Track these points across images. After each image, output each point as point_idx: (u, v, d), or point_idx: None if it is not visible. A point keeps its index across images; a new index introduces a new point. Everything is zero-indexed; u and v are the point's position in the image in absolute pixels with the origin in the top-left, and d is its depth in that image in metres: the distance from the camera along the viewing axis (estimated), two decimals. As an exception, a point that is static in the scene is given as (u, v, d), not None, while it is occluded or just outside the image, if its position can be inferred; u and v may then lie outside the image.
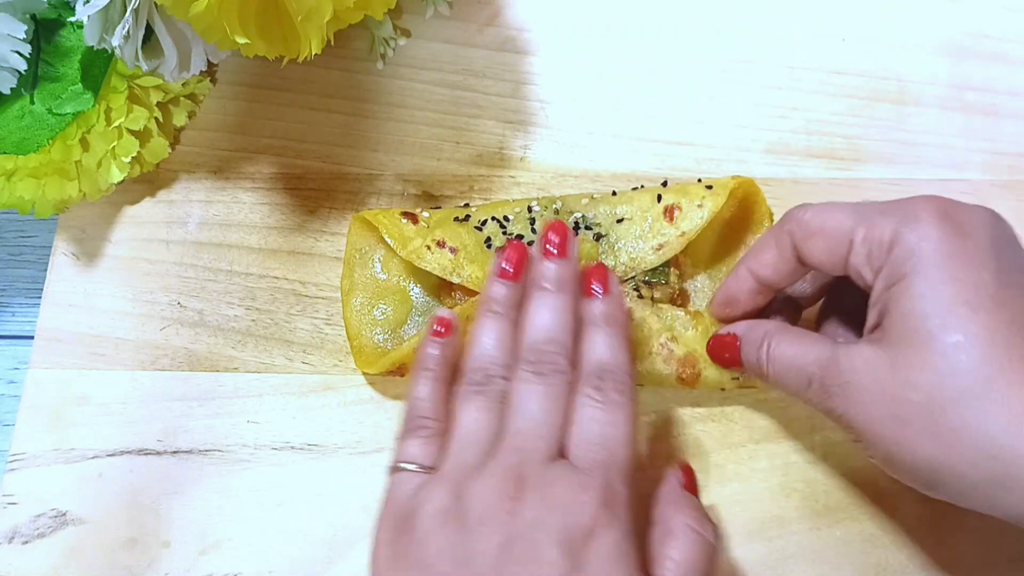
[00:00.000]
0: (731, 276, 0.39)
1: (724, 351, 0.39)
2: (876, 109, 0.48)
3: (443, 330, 0.38)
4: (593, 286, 0.37)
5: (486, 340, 0.36)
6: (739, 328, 0.38)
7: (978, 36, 0.49)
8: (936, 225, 0.31)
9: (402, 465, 0.35)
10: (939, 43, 0.49)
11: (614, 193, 0.43)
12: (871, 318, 0.32)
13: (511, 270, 0.37)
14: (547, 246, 0.37)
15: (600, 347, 0.35)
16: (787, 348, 0.35)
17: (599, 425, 0.33)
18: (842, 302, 0.38)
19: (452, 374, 0.38)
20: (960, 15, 0.49)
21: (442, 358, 0.38)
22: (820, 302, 0.40)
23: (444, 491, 0.32)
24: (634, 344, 0.40)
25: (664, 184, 0.44)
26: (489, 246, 0.42)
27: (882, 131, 0.47)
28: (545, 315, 0.36)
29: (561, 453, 0.33)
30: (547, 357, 0.35)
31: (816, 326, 0.39)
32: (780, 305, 0.40)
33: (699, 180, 0.43)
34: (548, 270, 0.37)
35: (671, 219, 0.41)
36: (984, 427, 0.28)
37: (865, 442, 0.32)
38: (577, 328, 0.36)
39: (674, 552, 0.32)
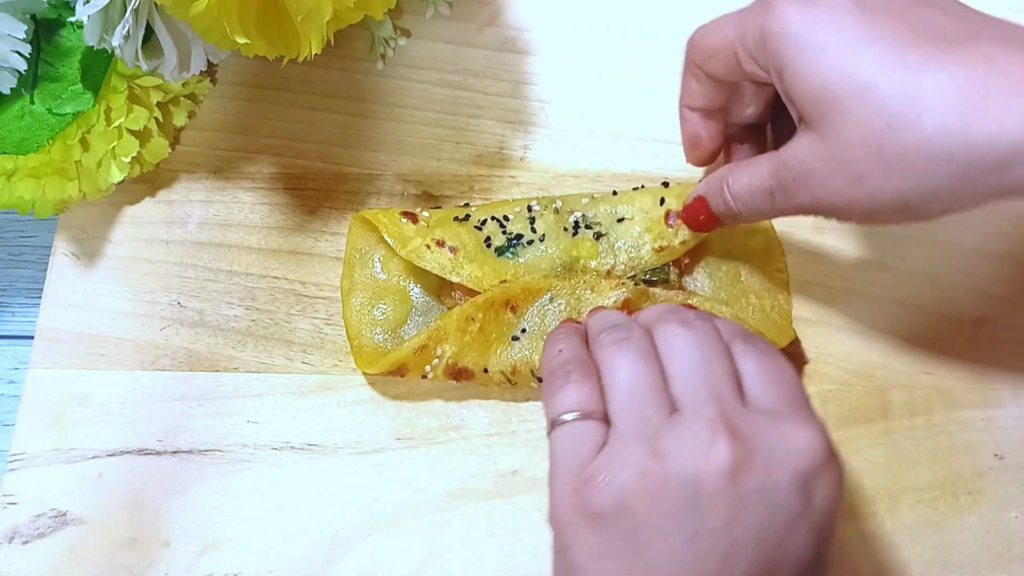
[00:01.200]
0: (680, 123, 0.40)
1: (698, 214, 0.39)
2: (876, 109, 0.47)
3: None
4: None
5: (607, 314, 0.37)
6: (700, 189, 0.39)
7: (978, 36, 0.49)
8: (789, 4, 0.32)
9: (563, 417, 0.32)
10: (939, 43, 0.49)
11: (615, 193, 0.43)
12: (793, 114, 0.33)
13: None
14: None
15: (724, 325, 0.35)
16: (741, 178, 0.36)
17: (771, 370, 0.32)
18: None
19: (583, 340, 0.36)
20: (960, 15, 0.49)
21: (571, 326, 0.37)
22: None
23: (639, 451, 0.29)
24: None
25: (665, 185, 0.44)
26: (489, 245, 0.42)
27: (882, 131, 0.47)
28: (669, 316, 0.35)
29: None
30: (685, 313, 0.34)
31: (775, 145, 0.39)
32: (741, 134, 0.41)
33: (700, 181, 0.43)
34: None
35: (672, 223, 0.41)
36: (927, 133, 0.29)
37: (841, 215, 0.33)
38: None
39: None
